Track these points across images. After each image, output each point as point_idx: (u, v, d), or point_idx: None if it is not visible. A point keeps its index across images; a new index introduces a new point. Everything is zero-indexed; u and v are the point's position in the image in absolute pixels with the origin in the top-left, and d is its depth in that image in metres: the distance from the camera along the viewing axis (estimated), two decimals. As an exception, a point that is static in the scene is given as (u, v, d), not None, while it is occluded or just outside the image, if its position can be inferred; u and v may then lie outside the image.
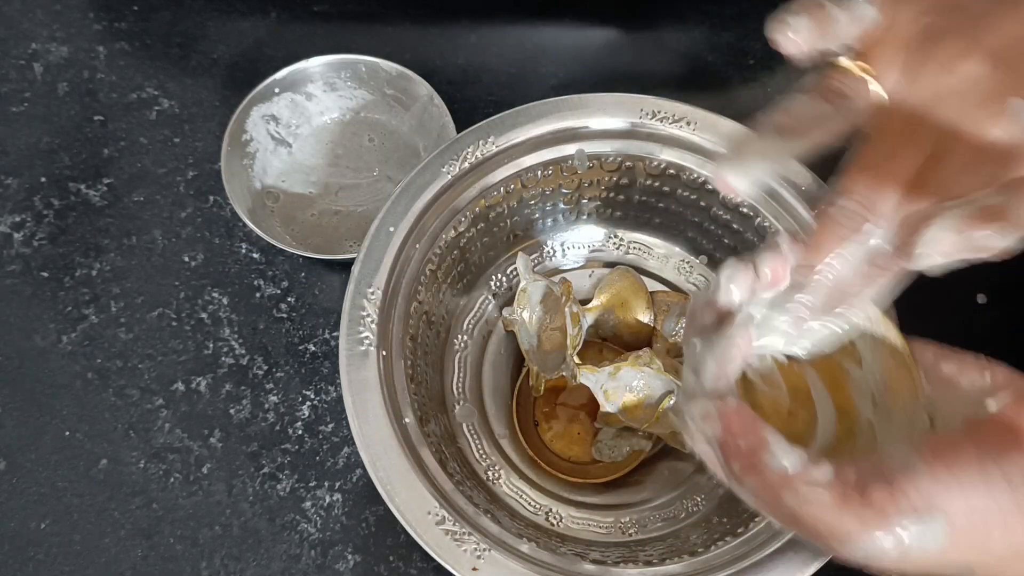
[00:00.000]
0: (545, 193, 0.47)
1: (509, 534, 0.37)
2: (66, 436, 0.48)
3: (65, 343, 0.50)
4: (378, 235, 0.42)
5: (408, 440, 0.38)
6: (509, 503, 0.44)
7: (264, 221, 0.50)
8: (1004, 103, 0.27)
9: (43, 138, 0.56)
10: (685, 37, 0.62)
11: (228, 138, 0.50)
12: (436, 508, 0.36)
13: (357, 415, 0.37)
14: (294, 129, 0.55)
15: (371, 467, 0.36)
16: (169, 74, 0.59)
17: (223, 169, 0.50)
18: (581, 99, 0.45)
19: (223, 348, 0.50)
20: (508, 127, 0.44)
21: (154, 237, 0.53)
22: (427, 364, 0.45)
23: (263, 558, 0.45)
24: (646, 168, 0.46)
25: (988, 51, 0.28)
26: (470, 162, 0.44)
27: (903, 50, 0.30)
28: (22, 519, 0.46)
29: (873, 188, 0.29)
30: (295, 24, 0.61)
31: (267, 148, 0.54)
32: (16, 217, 0.54)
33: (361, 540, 0.46)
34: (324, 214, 0.54)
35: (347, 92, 0.56)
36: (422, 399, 0.42)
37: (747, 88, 0.60)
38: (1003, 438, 0.24)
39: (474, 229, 0.46)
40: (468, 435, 0.46)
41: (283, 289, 0.52)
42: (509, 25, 0.61)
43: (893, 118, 0.29)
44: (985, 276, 0.53)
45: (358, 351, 0.39)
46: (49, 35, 0.60)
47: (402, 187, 0.43)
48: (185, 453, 0.47)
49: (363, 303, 0.40)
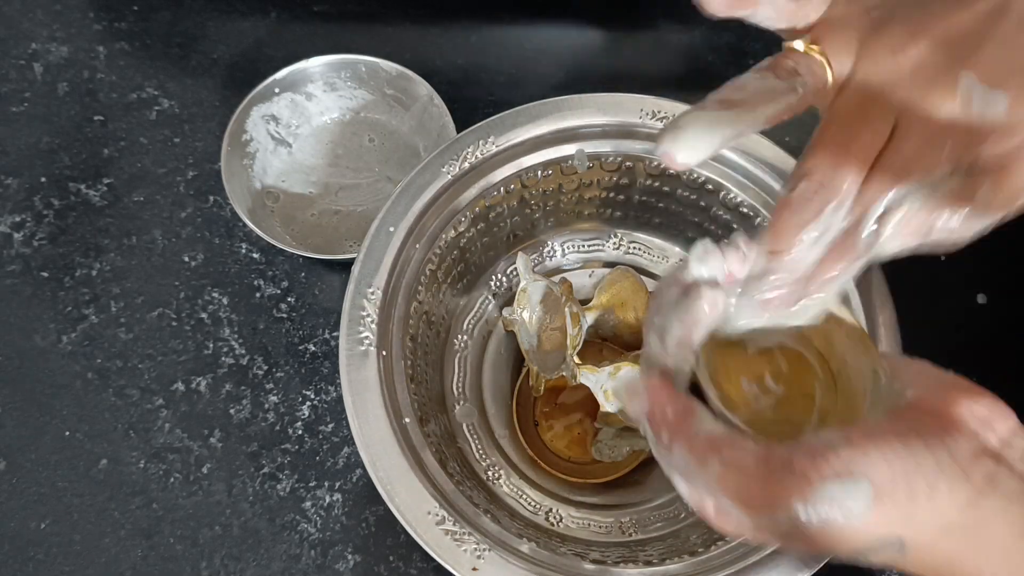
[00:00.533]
0: (545, 193, 0.47)
1: (509, 534, 0.37)
2: (66, 436, 0.48)
3: (65, 343, 0.50)
4: (378, 235, 0.42)
5: (408, 440, 0.38)
6: (509, 503, 0.44)
7: (264, 221, 0.50)
8: (956, 80, 0.28)
9: (43, 138, 0.56)
10: (685, 37, 0.62)
11: (228, 138, 0.50)
12: (436, 508, 0.36)
13: (357, 415, 0.37)
14: (294, 129, 0.55)
15: (371, 467, 0.36)
16: (169, 74, 0.59)
17: (223, 169, 0.50)
18: (581, 99, 0.45)
19: (223, 348, 0.50)
20: (508, 127, 0.44)
21: (154, 237, 0.53)
22: (427, 364, 0.45)
23: (263, 558, 0.45)
24: (646, 168, 0.46)
25: (936, 36, 0.29)
26: (470, 162, 0.44)
27: (855, 35, 0.30)
28: (22, 519, 0.46)
29: (833, 168, 0.28)
30: (295, 24, 0.61)
31: (267, 148, 0.54)
32: (16, 217, 0.54)
33: (361, 540, 0.46)
34: (324, 214, 0.54)
35: (347, 92, 0.56)
36: (422, 399, 0.42)
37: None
38: (922, 420, 0.25)
39: (474, 229, 0.46)
40: (468, 435, 0.46)
41: (283, 289, 0.52)
42: (509, 25, 0.61)
43: (849, 100, 0.30)
44: (985, 276, 0.53)
45: (358, 351, 0.39)
46: (49, 35, 0.60)
47: (402, 187, 0.43)
48: (185, 453, 0.47)
49: (363, 303, 0.40)
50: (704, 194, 0.46)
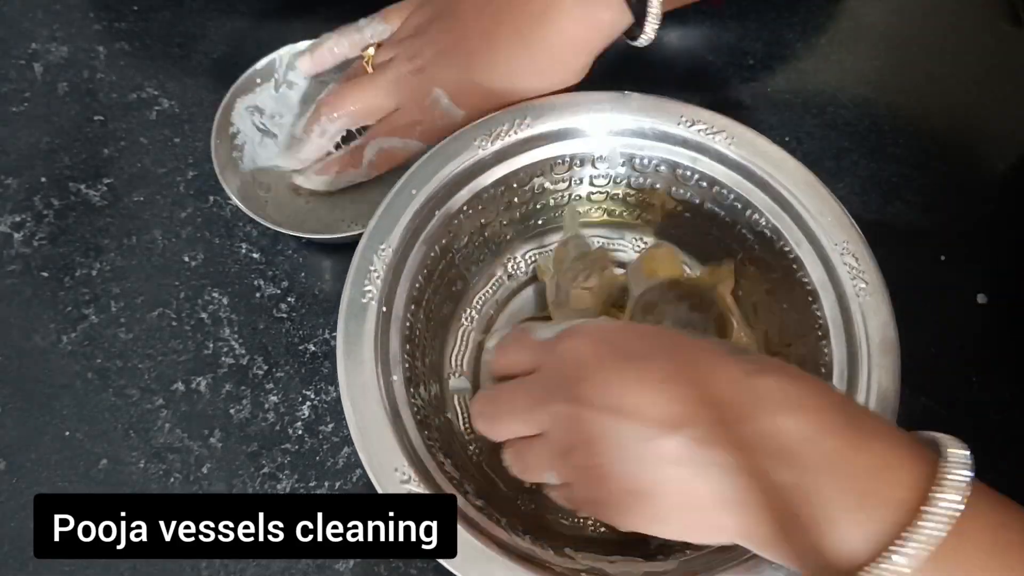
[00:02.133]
0: (570, 184, 0.48)
1: (472, 507, 0.37)
2: (66, 436, 0.48)
3: (65, 343, 0.50)
4: (399, 195, 0.42)
5: (391, 396, 0.38)
6: (487, 480, 0.44)
7: (260, 210, 0.50)
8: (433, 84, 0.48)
9: (43, 138, 0.56)
10: (685, 37, 0.62)
11: (216, 131, 0.51)
12: (405, 467, 0.36)
13: (347, 360, 0.38)
14: (278, 120, 0.56)
15: (350, 413, 0.37)
16: (169, 74, 0.59)
17: (215, 162, 0.50)
18: (623, 96, 0.45)
19: (223, 348, 0.50)
20: (546, 112, 0.44)
21: (154, 237, 0.53)
22: (428, 331, 0.45)
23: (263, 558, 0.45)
24: (678, 178, 0.46)
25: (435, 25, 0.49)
26: (503, 141, 0.44)
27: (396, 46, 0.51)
28: (22, 519, 0.46)
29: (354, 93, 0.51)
30: (296, 24, 0.61)
31: (254, 140, 0.54)
32: (16, 217, 0.54)
33: (361, 540, 0.46)
34: (318, 199, 0.54)
35: (329, 77, 0.56)
36: (416, 362, 0.42)
37: (747, 88, 0.60)
38: None
39: (497, 207, 0.46)
40: (459, 408, 0.46)
41: (283, 289, 0.52)
42: (509, 25, 0.61)
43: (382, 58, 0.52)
44: (985, 276, 0.53)
45: (359, 302, 0.39)
46: (49, 35, 0.60)
47: (431, 153, 0.43)
48: (185, 453, 0.47)
49: (372, 257, 0.40)
50: (731, 211, 0.46)
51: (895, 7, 0.64)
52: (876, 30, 0.63)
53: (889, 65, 0.61)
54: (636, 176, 0.47)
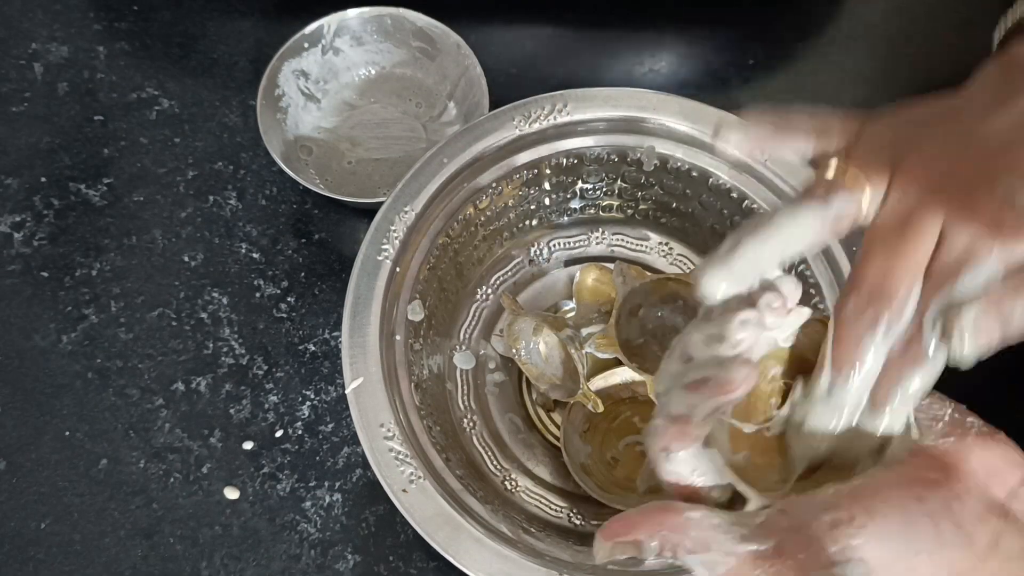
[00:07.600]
0: (600, 178, 0.48)
1: (451, 475, 0.38)
2: (66, 436, 0.48)
3: (65, 343, 0.50)
4: (430, 162, 0.42)
5: (391, 355, 0.39)
6: (475, 456, 0.44)
7: (301, 172, 0.51)
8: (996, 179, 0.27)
9: (43, 138, 0.56)
10: (685, 37, 0.62)
11: (262, 92, 0.52)
12: (391, 423, 0.36)
13: (354, 313, 0.39)
14: (323, 85, 0.57)
15: (347, 362, 0.37)
16: (169, 74, 0.59)
17: (260, 123, 0.51)
18: (664, 98, 0.45)
19: (223, 348, 0.50)
20: (586, 101, 0.45)
21: (154, 237, 0.53)
22: (439, 300, 0.45)
23: (263, 558, 0.45)
24: (710, 187, 0.46)
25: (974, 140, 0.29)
26: (540, 124, 0.44)
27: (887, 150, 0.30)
28: (22, 519, 0.46)
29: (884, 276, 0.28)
30: (296, 24, 0.61)
31: (298, 104, 0.55)
32: (16, 217, 0.54)
33: (361, 540, 0.46)
34: (360, 162, 0.55)
35: (373, 46, 0.57)
36: (422, 328, 0.43)
37: (747, 88, 0.60)
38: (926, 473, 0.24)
39: (526, 189, 0.46)
40: (459, 381, 0.46)
41: (283, 289, 0.52)
42: (509, 25, 0.61)
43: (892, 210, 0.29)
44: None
45: (374, 259, 0.40)
46: (49, 35, 0.60)
47: (468, 127, 0.43)
48: (185, 453, 0.47)
49: (395, 218, 0.41)
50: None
51: (895, 7, 0.64)
52: (876, 30, 0.63)
53: (889, 65, 0.61)
54: (668, 178, 0.47)
